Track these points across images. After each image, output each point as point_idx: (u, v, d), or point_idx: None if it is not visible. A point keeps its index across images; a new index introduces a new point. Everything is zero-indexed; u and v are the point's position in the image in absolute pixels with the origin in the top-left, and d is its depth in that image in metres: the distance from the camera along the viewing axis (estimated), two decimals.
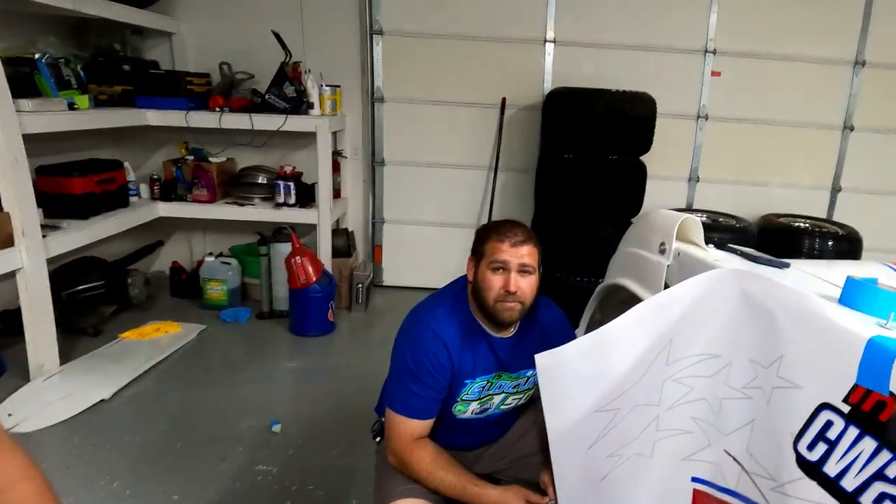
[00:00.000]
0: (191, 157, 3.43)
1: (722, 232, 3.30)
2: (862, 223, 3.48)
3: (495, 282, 1.25)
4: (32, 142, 2.38)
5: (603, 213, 3.45)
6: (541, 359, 1.00)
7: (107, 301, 3.15)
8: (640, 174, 3.42)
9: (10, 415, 2.24)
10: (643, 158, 3.43)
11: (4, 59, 2.28)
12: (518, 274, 1.25)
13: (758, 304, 0.94)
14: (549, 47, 3.67)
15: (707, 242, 1.26)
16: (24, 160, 2.33)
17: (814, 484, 0.78)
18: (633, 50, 3.65)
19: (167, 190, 3.38)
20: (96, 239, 2.87)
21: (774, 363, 0.88)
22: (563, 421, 1.06)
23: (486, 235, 1.30)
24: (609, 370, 1.03)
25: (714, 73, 3.69)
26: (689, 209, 3.90)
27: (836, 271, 1.10)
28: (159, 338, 3.02)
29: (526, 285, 1.26)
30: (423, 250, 4.03)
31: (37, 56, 2.60)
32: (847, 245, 3.23)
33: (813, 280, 1.08)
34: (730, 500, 0.99)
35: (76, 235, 2.71)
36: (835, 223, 3.59)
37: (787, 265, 1.12)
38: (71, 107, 2.65)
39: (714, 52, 3.65)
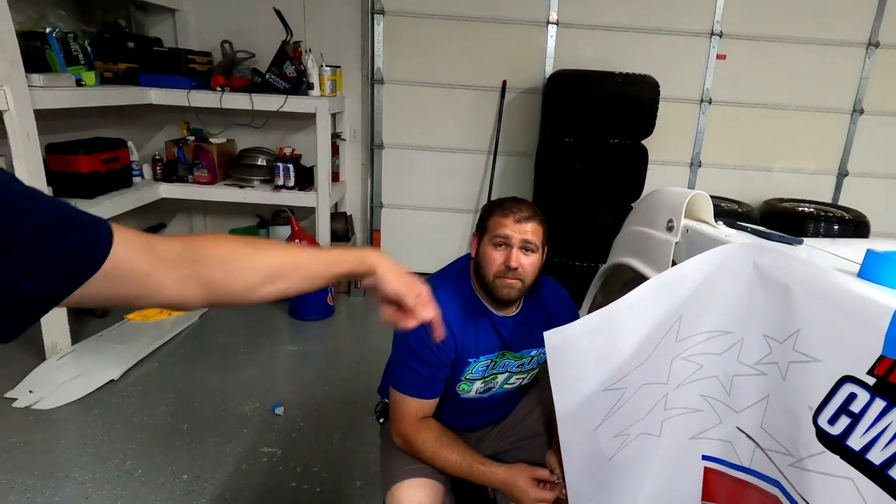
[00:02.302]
0: (192, 138, 3.39)
1: (724, 217, 3.27)
2: (868, 207, 3.47)
3: (496, 257, 1.23)
4: (40, 118, 2.35)
5: (603, 198, 3.42)
6: (549, 336, 0.98)
7: None
8: (641, 158, 3.38)
9: (31, 391, 2.30)
10: (644, 143, 3.40)
11: (18, 34, 2.24)
12: (520, 250, 1.23)
13: (772, 278, 0.92)
14: (552, 29, 3.62)
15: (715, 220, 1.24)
16: (36, 136, 2.32)
17: (836, 458, 0.76)
18: (637, 32, 3.60)
19: (169, 171, 3.35)
20: (105, 218, 2.84)
21: (790, 338, 0.87)
22: (571, 400, 1.04)
23: (491, 211, 1.28)
24: (617, 348, 1.01)
25: (720, 57, 3.65)
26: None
27: (851, 248, 1.08)
28: (163, 320, 3.02)
29: (528, 263, 1.23)
30: (422, 235, 4.01)
31: (47, 30, 2.56)
32: (853, 229, 3.21)
33: (827, 256, 1.06)
34: (744, 478, 0.98)
35: None
36: (841, 207, 3.57)
37: (801, 241, 1.10)
38: (78, 83, 2.61)
39: (720, 35, 3.60)
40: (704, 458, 1.10)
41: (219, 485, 1.92)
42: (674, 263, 1.21)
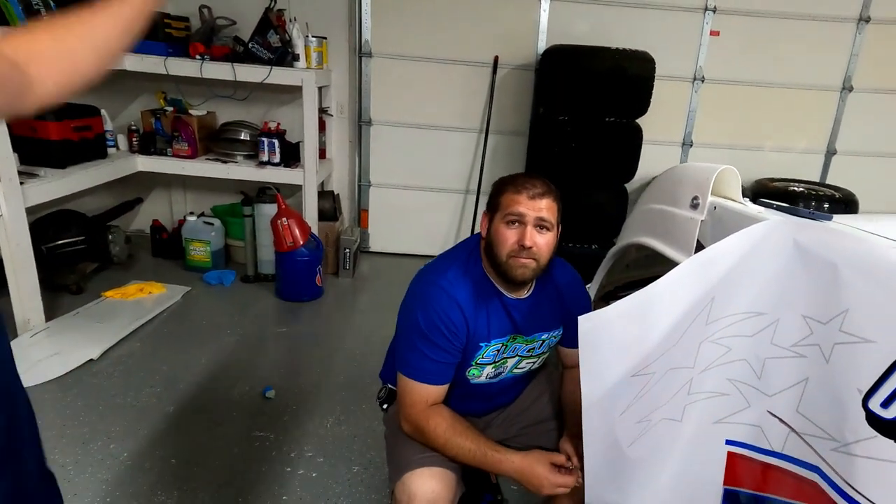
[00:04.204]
0: (170, 109, 3.23)
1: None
2: (856, 186, 3.49)
3: (510, 236, 1.16)
4: None
5: (598, 178, 3.38)
6: (584, 321, 0.92)
7: (87, 258, 3.01)
8: (635, 137, 3.33)
9: None
10: (638, 122, 3.36)
11: None
12: (535, 228, 1.16)
13: (815, 256, 0.88)
14: (545, 3, 3.53)
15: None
16: None
17: (891, 443, 0.73)
18: (632, 7, 3.53)
19: (146, 143, 3.19)
20: (75, 190, 2.71)
21: (836, 318, 0.83)
22: (599, 386, 0.99)
23: (503, 187, 1.21)
24: (649, 333, 0.96)
25: (713, 33, 3.60)
26: None
27: (880, 224, 1.04)
28: (143, 298, 2.90)
29: (542, 242, 1.17)
30: (411, 215, 3.93)
31: None
32: (843, 208, 3.23)
33: (859, 233, 1.02)
34: (776, 462, 0.95)
35: (55, 185, 2.56)
36: (830, 186, 3.59)
37: (830, 218, 1.06)
38: None
39: (714, 10, 3.55)
40: (728, 442, 1.07)
41: (210, 469, 1.85)
42: (699, 243, 1.17)
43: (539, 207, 1.16)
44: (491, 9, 3.54)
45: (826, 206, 3.24)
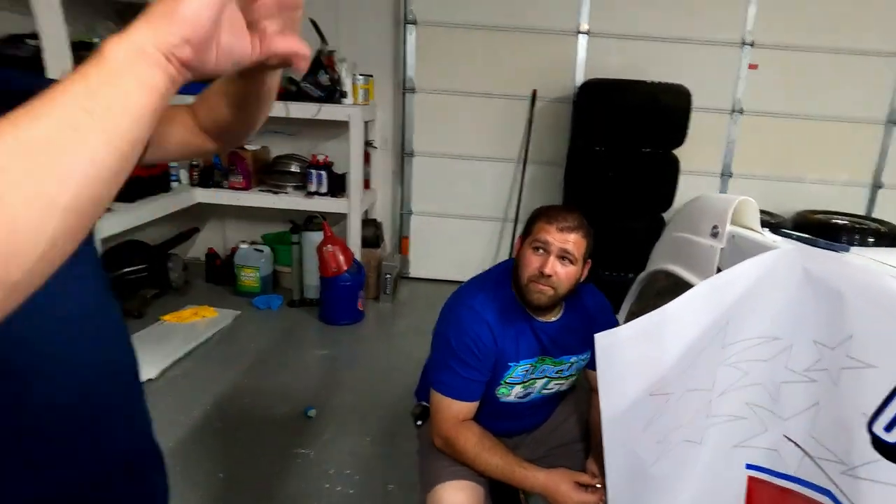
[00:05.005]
0: None
1: None
2: None
3: (533, 261, 1.24)
4: None
5: (634, 208, 3.41)
6: (600, 338, 0.98)
7: (149, 284, 3.23)
8: (672, 168, 3.37)
9: None
10: (676, 153, 3.39)
11: (71, 44, 2.36)
12: (557, 259, 1.23)
13: (822, 283, 0.92)
14: (582, 39, 3.64)
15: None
16: None
17: (893, 466, 0.76)
18: (668, 42, 3.60)
19: (205, 176, 3.44)
20: (141, 222, 2.94)
21: (843, 343, 0.86)
22: (617, 403, 1.04)
23: (538, 216, 1.30)
24: (665, 352, 1.01)
25: (751, 66, 3.62)
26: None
27: None
28: (197, 322, 3.09)
29: (563, 272, 1.23)
30: (450, 243, 4.04)
31: (95, 40, 2.69)
32: (890, 242, 3.14)
33: (875, 265, 1.05)
34: (790, 486, 0.98)
35: (124, 217, 2.77)
36: (875, 220, 3.50)
37: (847, 249, 1.09)
38: None
39: (752, 45, 3.58)
40: (748, 466, 1.09)
41: (254, 484, 1.95)
42: (719, 270, 1.21)
43: (566, 240, 1.23)
44: (530, 45, 3.67)
45: (871, 239, 3.16)
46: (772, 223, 3.39)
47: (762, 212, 3.45)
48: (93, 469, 0.64)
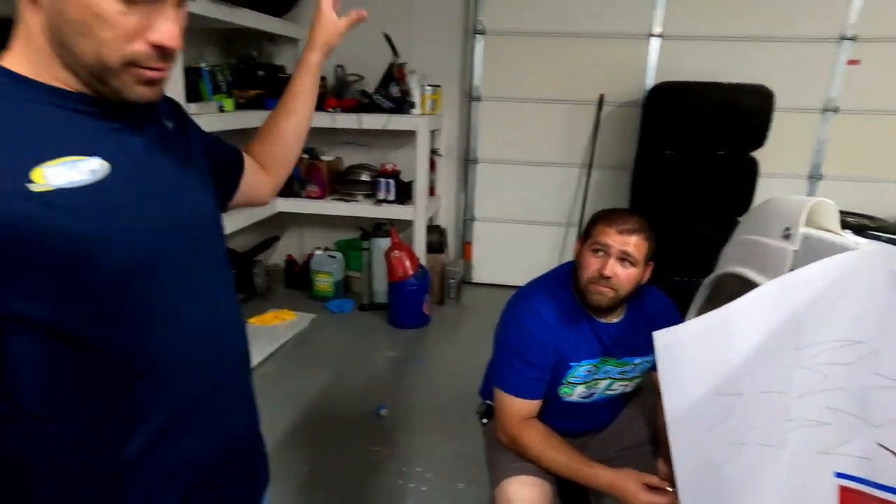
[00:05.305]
0: (305, 156, 3.68)
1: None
2: None
3: (593, 263, 1.26)
4: None
5: (706, 211, 3.31)
6: (659, 336, 0.98)
7: (237, 289, 3.45)
8: (750, 171, 3.24)
9: None
10: (755, 154, 3.25)
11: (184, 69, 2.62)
12: (617, 261, 1.24)
13: None
14: (655, 42, 3.57)
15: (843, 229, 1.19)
16: None
17: None
18: (749, 41, 3.46)
19: (285, 187, 3.64)
20: (230, 231, 3.17)
21: None
22: (682, 403, 1.04)
23: (598, 219, 1.32)
24: (730, 352, 0.99)
25: (851, 62, 3.40)
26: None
27: None
28: (278, 325, 3.28)
29: (623, 274, 1.25)
30: (513, 248, 4.06)
31: (203, 66, 2.95)
32: None
33: None
34: (888, 497, 0.93)
35: None
36: None
37: None
38: (220, 109, 2.97)
39: (854, 39, 3.37)
40: (839, 475, 1.02)
41: (333, 478, 2.07)
42: None
43: (626, 242, 1.24)
44: (598, 50, 3.64)
45: None
46: (871, 227, 3.18)
47: (861, 215, 3.30)
48: (217, 447, 0.74)
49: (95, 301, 0.59)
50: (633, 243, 1.24)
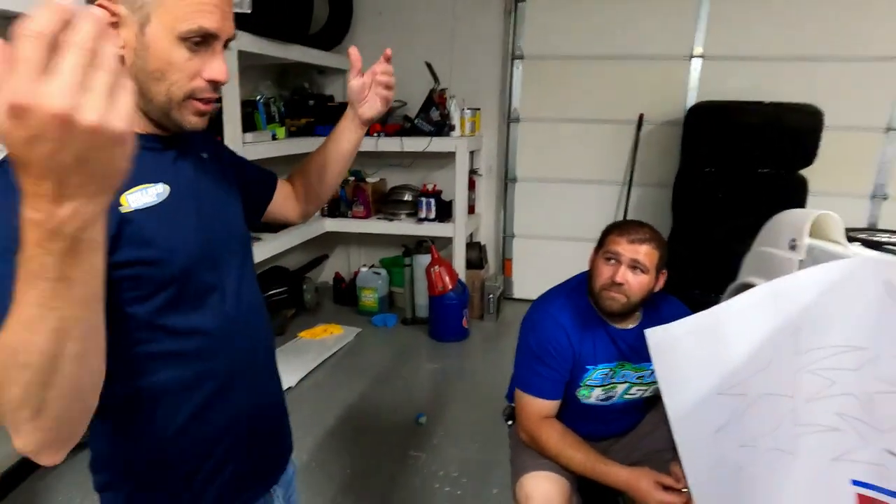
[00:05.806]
0: (352, 178, 3.89)
1: None
2: None
3: (605, 271, 1.34)
4: None
5: (751, 229, 3.28)
6: (651, 334, 1.03)
7: (288, 305, 3.69)
8: (798, 189, 3.21)
9: None
10: (805, 173, 3.22)
11: (241, 102, 2.88)
12: (628, 268, 1.32)
13: None
14: (696, 63, 3.59)
15: (853, 241, 1.23)
16: None
17: None
18: (796, 61, 3.45)
19: (333, 207, 3.88)
20: (282, 250, 3.39)
21: None
22: (682, 400, 1.06)
23: (611, 230, 1.40)
24: (727, 352, 1.02)
25: None
26: (871, 229, 3.56)
27: None
28: (326, 338, 3.47)
29: (634, 281, 1.32)
30: (552, 264, 4.06)
31: (258, 98, 3.21)
32: None
33: None
34: None
35: (270, 245, 3.21)
36: None
37: None
38: (273, 137, 3.21)
39: None
40: (856, 483, 1.02)
41: (376, 479, 2.19)
42: None
43: (636, 251, 1.32)
44: (638, 71, 3.70)
45: None
46: None
47: None
48: (251, 413, 0.90)
49: (166, 290, 0.76)
50: (644, 252, 1.32)
